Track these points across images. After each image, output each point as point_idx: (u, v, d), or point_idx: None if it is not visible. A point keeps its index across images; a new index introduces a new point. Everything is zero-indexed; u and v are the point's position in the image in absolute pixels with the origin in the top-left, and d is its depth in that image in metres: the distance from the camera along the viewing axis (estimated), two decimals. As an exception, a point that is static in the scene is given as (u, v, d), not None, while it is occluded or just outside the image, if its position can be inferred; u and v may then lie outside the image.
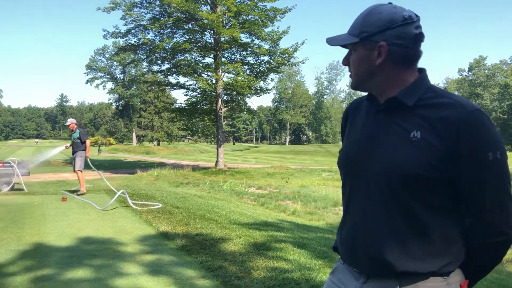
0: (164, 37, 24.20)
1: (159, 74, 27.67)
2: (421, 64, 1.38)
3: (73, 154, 10.76)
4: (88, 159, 10.77)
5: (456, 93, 77.77)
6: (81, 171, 10.55)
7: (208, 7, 23.71)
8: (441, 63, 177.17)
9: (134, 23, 23.42)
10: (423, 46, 1.34)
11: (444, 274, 1.27)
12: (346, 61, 1.43)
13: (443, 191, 1.26)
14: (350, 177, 1.42)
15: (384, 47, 1.31)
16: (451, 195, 1.27)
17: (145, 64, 27.79)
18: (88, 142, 10.68)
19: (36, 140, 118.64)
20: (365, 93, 1.48)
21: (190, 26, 23.69)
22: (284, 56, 24.06)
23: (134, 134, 77.47)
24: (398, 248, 1.26)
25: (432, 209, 1.26)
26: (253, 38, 24.16)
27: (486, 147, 1.21)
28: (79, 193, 10.26)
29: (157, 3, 22.84)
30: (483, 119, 1.23)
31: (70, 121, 10.98)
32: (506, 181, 1.24)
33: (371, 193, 1.31)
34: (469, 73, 75.07)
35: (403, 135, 1.28)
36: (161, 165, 24.97)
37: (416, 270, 1.25)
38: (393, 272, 1.27)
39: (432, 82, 1.38)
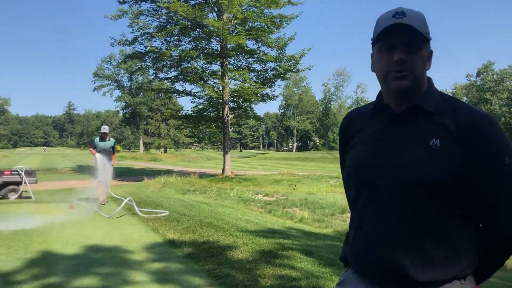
0: (171, 44, 24.35)
1: (166, 81, 27.82)
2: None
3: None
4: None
5: (465, 98, 77.35)
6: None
7: (215, 14, 23.84)
8: (449, 69, 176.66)
9: (141, 31, 23.59)
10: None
11: (461, 277, 1.28)
12: (405, 56, 1.28)
13: (461, 197, 1.26)
14: (365, 189, 1.36)
15: (432, 55, 1.35)
16: (468, 201, 1.28)
17: (152, 71, 27.96)
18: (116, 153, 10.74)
19: (44, 147, 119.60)
20: (358, 104, 1.44)
21: (196, 33, 23.83)
22: (291, 62, 24.08)
23: (141, 142, 77.81)
24: (419, 258, 1.25)
25: (451, 215, 1.26)
26: (260, 45, 24.24)
27: (502, 152, 1.24)
28: (104, 202, 10.07)
29: (164, 11, 23.00)
30: (497, 125, 1.26)
31: (108, 128, 10.60)
32: None
33: (390, 203, 1.28)
34: (477, 79, 74.50)
35: (423, 143, 1.27)
36: (168, 172, 24.99)
37: (438, 278, 1.25)
38: (414, 283, 1.25)
39: (440, 88, 1.39)
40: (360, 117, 1.48)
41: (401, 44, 1.28)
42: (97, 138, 10.43)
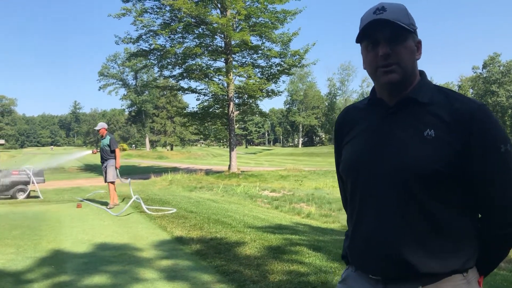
0: (175, 42, 24.33)
1: (171, 79, 27.83)
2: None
3: (102, 162, 9.42)
4: (117, 170, 9.31)
5: (471, 90, 76.72)
6: (113, 183, 9.25)
7: (218, 11, 23.79)
8: (455, 62, 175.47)
9: (145, 28, 23.62)
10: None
11: (464, 270, 1.27)
12: (390, 50, 1.29)
13: (458, 187, 1.26)
14: (361, 184, 1.36)
15: (421, 44, 1.35)
16: (466, 191, 1.27)
17: (156, 69, 27.97)
18: (117, 151, 9.33)
19: (52, 146, 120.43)
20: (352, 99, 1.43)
21: (200, 30, 23.80)
22: (295, 58, 24.01)
23: (147, 140, 78.04)
24: (419, 249, 1.24)
25: (449, 206, 1.26)
26: (264, 40, 24.18)
27: (498, 140, 1.24)
28: (109, 206, 9.00)
29: (168, 8, 22.99)
30: (491, 113, 1.27)
31: (101, 125, 9.46)
32: None
33: (387, 195, 1.28)
34: (484, 71, 73.86)
35: (417, 134, 1.27)
36: (175, 169, 25.06)
37: (439, 270, 1.24)
38: (416, 274, 1.25)
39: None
40: (356, 113, 1.49)
41: (384, 38, 1.29)
42: None
